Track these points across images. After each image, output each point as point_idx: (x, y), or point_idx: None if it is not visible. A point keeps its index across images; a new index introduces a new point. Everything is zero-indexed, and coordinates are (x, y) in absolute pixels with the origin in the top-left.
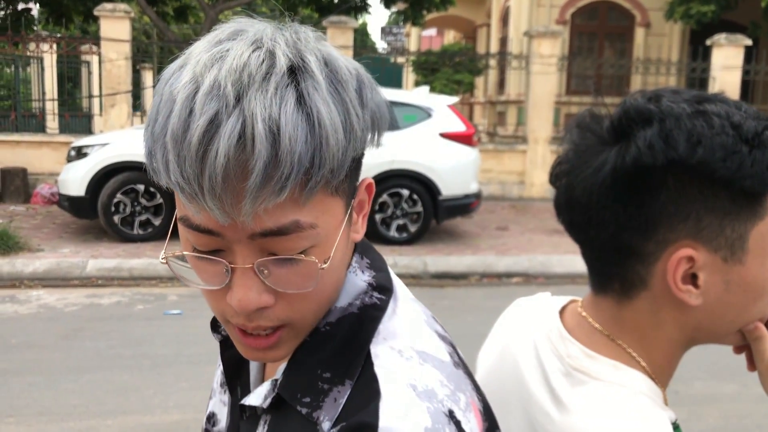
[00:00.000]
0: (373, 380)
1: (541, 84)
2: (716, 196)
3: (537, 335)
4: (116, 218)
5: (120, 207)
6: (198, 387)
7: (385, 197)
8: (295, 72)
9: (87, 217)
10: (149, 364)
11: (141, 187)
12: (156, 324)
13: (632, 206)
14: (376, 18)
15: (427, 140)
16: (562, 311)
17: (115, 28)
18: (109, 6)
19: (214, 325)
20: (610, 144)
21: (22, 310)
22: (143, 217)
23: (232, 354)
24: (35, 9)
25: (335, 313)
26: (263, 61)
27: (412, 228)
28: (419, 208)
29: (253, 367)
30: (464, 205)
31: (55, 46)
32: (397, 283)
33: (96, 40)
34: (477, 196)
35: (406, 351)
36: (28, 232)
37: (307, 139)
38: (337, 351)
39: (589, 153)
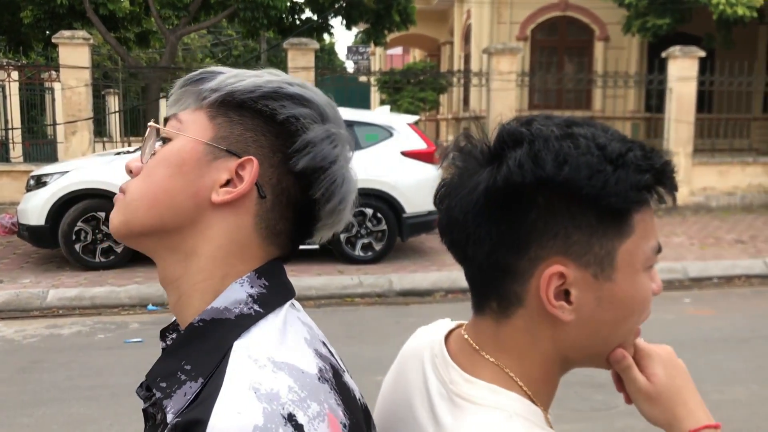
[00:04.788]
0: (220, 380)
1: (501, 100)
2: (583, 214)
3: (426, 362)
4: (77, 246)
5: (81, 235)
6: None
7: None
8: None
9: (48, 246)
10: (108, 394)
11: (102, 215)
12: (116, 353)
13: (505, 224)
14: (344, 38)
15: (389, 159)
16: (448, 335)
17: (75, 55)
18: (67, 33)
19: (162, 334)
20: (486, 166)
21: None
22: (105, 245)
23: None
24: None
25: (209, 313)
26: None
27: (377, 246)
28: (384, 227)
29: None
30: (428, 222)
31: (16, 74)
32: (290, 307)
33: (56, 67)
34: None
35: (262, 359)
36: None
37: (213, 73)
38: (202, 349)
39: (467, 175)
